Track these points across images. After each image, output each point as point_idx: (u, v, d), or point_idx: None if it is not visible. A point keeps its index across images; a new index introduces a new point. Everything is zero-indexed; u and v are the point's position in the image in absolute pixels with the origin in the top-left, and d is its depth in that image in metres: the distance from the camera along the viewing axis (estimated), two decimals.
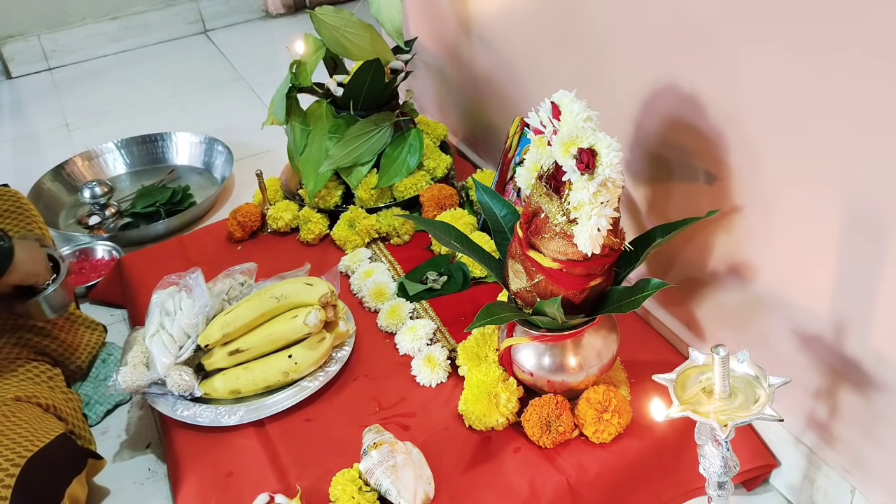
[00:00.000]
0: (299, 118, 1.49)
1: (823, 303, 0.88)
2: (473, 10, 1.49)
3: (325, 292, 1.15)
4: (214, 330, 1.15)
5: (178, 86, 2.49)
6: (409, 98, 1.57)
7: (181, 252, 1.49)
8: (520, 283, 0.95)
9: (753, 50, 0.86)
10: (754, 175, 0.92)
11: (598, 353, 1.00)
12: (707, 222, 0.99)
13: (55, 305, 1.17)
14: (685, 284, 1.10)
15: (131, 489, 1.14)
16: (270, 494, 0.98)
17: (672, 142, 1.04)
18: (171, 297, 1.20)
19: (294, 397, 1.11)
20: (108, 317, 1.48)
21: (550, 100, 0.89)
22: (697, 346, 1.08)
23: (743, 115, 0.91)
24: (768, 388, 0.78)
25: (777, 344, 0.97)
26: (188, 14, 2.89)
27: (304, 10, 2.94)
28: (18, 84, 2.68)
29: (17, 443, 0.95)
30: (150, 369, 1.13)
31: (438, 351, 1.15)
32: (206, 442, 1.09)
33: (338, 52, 1.47)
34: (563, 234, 0.88)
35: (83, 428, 1.13)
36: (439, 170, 1.51)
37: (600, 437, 0.99)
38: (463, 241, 1.04)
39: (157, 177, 1.93)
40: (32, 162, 2.09)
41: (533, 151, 0.93)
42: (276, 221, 1.49)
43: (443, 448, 1.02)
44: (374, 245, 1.43)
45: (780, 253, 0.93)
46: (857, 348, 0.86)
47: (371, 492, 0.95)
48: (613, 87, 1.12)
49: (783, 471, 1.02)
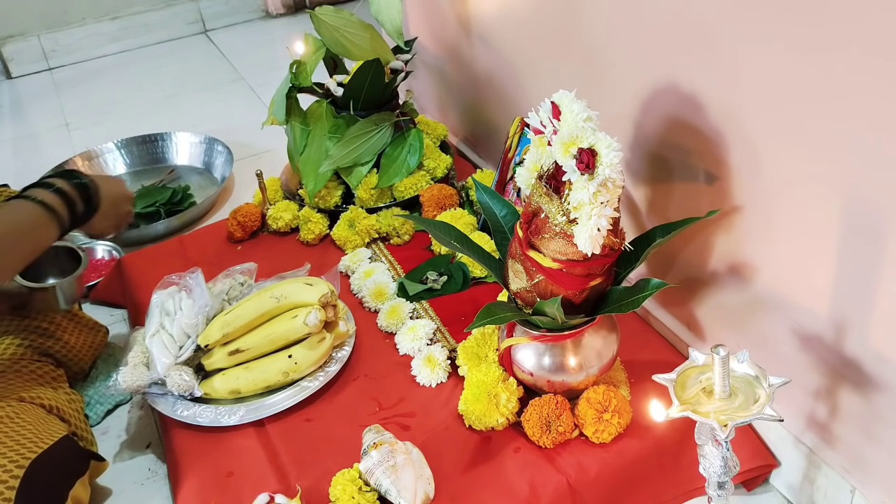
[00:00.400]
0: (299, 118, 1.49)
1: (823, 303, 0.88)
2: (473, 10, 1.49)
3: (325, 292, 1.15)
4: (214, 330, 1.15)
5: (178, 86, 2.49)
6: (409, 98, 1.57)
7: (181, 252, 1.49)
8: (520, 283, 0.95)
9: (753, 50, 0.86)
10: (754, 175, 0.92)
11: (598, 353, 1.00)
12: (707, 222, 0.99)
13: (69, 297, 1.15)
14: (685, 284, 1.10)
15: (131, 489, 1.14)
16: (270, 494, 0.98)
17: (672, 142, 1.04)
18: (171, 297, 1.20)
19: (294, 397, 1.11)
20: (108, 317, 1.48)
21: (550, 100, 0.89)
22: (697, 346, 1.08)
23: (743, 115, 0.91)
24: (768, 388, 0.78)
25: (777, 344, 0.97)
26: (188, 14, 2.89)
27: (304, 10, 2.94)
28: (18, 84, 2.68)
29: (21, 444, 0.95)
30: (150, 369, 1.13)
31: (438, 351, 1.15)
32: (205, 442, 1.09)
33: (338, 52, 1.47)
34: (563, 234, 0.88)
35: (85, 429, 1.13)
36: (439, 170, 1.51)
37: (600, 437, 0.99)
38: (463, 241, 1.04)
39: (157, 177, 1.93)
40: (32, 162, 2.09)
41: (533, 151, 0.93)
42: (276, 221, 1.49)
43: (443, 448, 1.02)
44: (374, 245, 1.43)
45: (780, 253, 0.93)
46: (857, 348, 0.86)
47: (371, 492, 0.95)
48: (613, 87, 1.12)
49: (783, 471, 1.02)
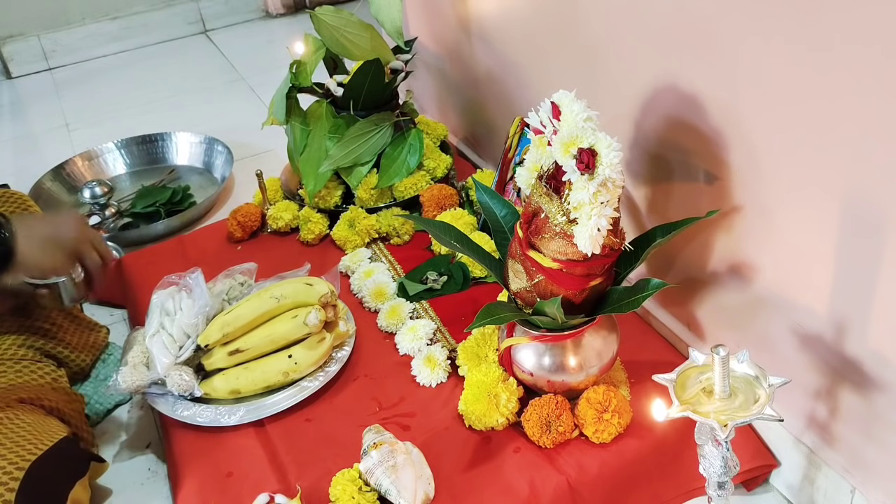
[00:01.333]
0: (299, 118, 1.49)
1: (823, 303, 0.88)
2: (473, 10, 1.49)
3: (325, 292, 1.15)
4: (214, 330, 1.15)
5: (178, 86, 2.49)
6: (409, 98, 1.57)
7: (181, 252, 1.49)
8: (520, 283, 0.95)
9: (754, 50, 0.85)
10: (754, 175, 0.92)
11: (598, 353, 1.00)
12: (707, 222, 0.99)
13: (72, 295, 1.12)
14: (685, 284, 1.10)
15: (131, 489, 1.14)
16: (270, 494, 0.98)
17: (672, 142, 1.04)
18: (171, 297, 1.20)
19: (294, 397, 1.11)
20: (108, 317, 1.48)
21: (550, 100, 0.89)
22: (697, 346, 1.08)
23: (743, 115, 0.91)
24: (768, 388, 0.78)
25: (777, 344, 0.97)
26: (188, 14, 2.89)
27: (304, 10, 2.94)
28: (18, 84, 2.68)
29: (20, 446, 0.94)
30: (150, 369, 1.13)
31: (438, 351, 1.15)
32: (205, 442, 1.09)
33: (338, 52, 1.47)
34: (563, 234, 0.88)
35: (86, 430, 1.13)
36: (439, 170, 1.51)
37: (600, 437, 0.99)
38: (463, 241, 1.04)
39: (157, 177, 1.93)
40: (32, 162, 2.09)
41: (533, 151, 0.93)
42: (276, 221, 1.49)
43: (443, 448, 1.02)
44: (374, 245, 1.43)
45: (780, 253, 0.93)
46: (857, 348, 0.86)
47: (371, 492, 0.95)
48: (613, 87, 1.12)
49: (783, 471, 1.02)
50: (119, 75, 2.64)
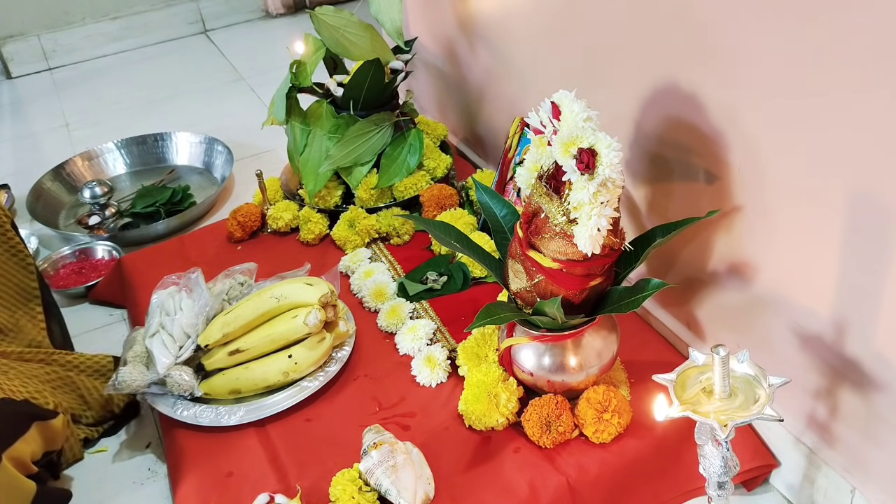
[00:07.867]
0: (299, 118, 1.49)
1: (824, 303, 0.88)
2: (473, 10, 1.49)
3: (325, 292, 1.15)
4: (214, 330, 1.15)
5: (178, 86, 2.49)
6: (409, 98, 1.57)
7: (181, 252, 1.49)
8: (520, 283, 0.95)
9: (753, 49, 0.86)
10: (754, 175, 0.92)
11: (598, 353, 1.00)
12: (707, 222, 0.99)
13: None
14: (685, 284, 1.10)
15: (131, 489, 1.14)
16: (270, 494, 0.98)
17: (672, 142, 1.04)
18: (171, 297, 1.20)
19: (294, 397, 1.11)
20: (107, 317, 1.48)
21: (550, 100, 0.89)
22: (697, 346, 1.08)
23: (743, 115, 0.91)
24: (768, 388, 0.78)
25: (777, 344, 0.97)
26: (188, 14, 2.89)
27: (304, 10, 2.94)
28: (18, 84, 2.68)
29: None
30: (150, 369, 1.13)
31: (438, 351, 1.15)
32: (206, 442, 1.09)
33: (338, 52, 1.47)
34: (563, 234, 0.88)
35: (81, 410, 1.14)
36: (439, 170, 1.51)
37: (600, 437, 0.99)
38: (463, 241, 1.04)
39: (157, 177, 1.93)
40: (32, 162, 2.09)
41: (533, 151, 0.93)
42: (276, 221, 1.49)
43: (443, 448, 1.02)
44: (374, 245, 1.43)
45: (781, 253, 0.93)
46: (857, 348, 0.86)
47: (371, 492, 0.95)
48: (613, 87, 1.12)
49: (783, 471, 1.02)
50: (119, 75, 2.65)
